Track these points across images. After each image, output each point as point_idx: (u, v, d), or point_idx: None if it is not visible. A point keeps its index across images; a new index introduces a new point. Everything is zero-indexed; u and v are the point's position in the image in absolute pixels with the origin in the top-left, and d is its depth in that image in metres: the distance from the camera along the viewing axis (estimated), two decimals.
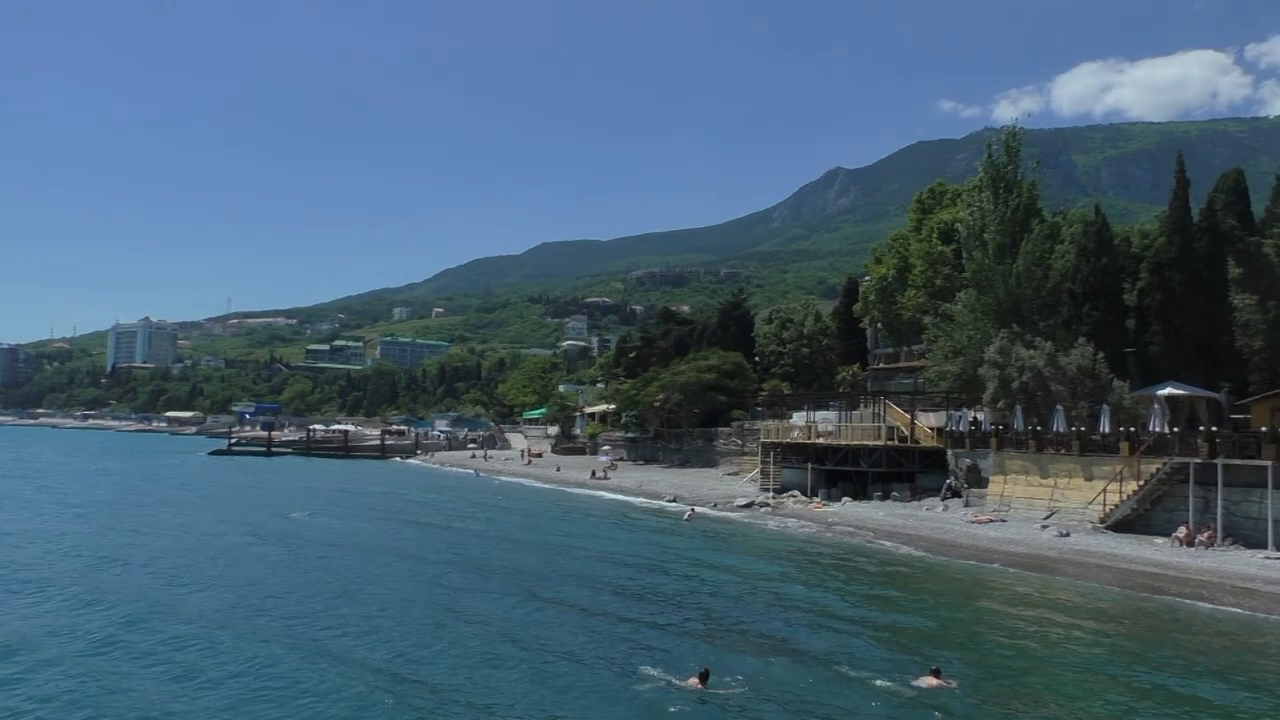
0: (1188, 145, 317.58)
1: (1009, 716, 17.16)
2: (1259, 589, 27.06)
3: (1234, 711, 17.66)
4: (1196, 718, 17.30)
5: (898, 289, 67.29)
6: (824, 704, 17.41)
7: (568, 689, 18.01)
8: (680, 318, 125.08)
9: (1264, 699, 18.29)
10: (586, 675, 18.91)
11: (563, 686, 18.16)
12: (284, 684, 17.99)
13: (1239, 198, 58.01)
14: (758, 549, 38.77)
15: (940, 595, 28.92)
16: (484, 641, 21.46)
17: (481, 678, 18.69)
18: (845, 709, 17.18)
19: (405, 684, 18.20)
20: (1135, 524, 36.05)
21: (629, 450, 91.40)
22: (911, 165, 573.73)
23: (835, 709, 17.17)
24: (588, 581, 29.84)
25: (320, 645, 20.93)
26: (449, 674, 18.93)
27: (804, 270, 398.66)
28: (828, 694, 17.99)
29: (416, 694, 17.60)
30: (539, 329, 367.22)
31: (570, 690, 17.95)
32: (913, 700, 17.59)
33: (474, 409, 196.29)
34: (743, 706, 17.12)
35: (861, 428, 54.44)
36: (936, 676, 18.29)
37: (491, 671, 19.07)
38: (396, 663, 19.67)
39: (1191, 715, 17.40)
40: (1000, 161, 51.12)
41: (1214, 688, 18.98)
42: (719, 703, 17.19)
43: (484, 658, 20.09)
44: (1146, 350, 49.57)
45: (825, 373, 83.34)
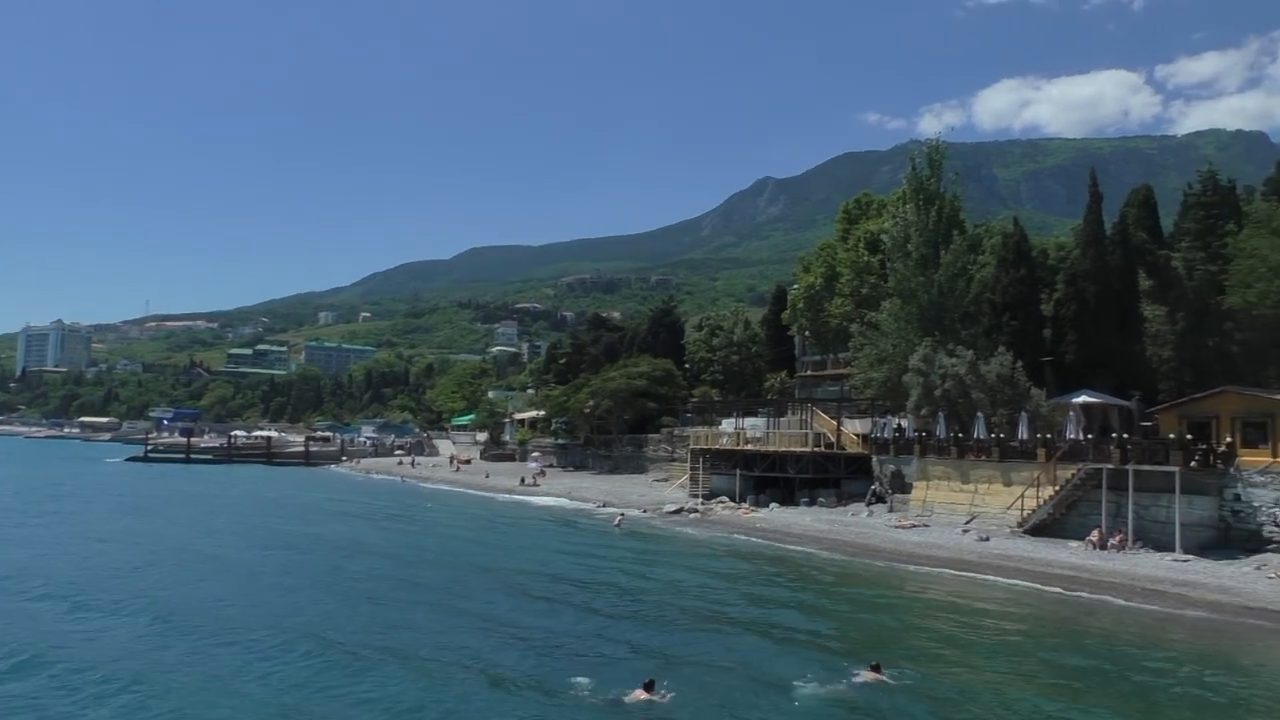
0: (1101, 161, 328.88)
1: (942, 709, 17.74)
2: (1167, 590, 28.06)
3: (1144, 702, 18.39)
4: (1109, 709, 17.94)
5: (825, 297, 68.26)
6: (769, 703, 17.72)
7: (506, 708, 17.71)
8: (611, 324, 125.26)
9: (1171, 692, 19.01)
10: (524, 691, 18.61)
11: (499, 705, 17.83)
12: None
13: (1149, 213, 60.25)
14: (688, 555, 38.95)
15: (867, 597, 29.46)
16: (409, 660, 20.71)
17: (409, 698, 18.11)
18: (790, 706, 17.54)
19: (326, 706, 17.75)
20: (1051, 528, 37.09)
21: (559, 457, 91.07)
22: (839, 176, 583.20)
23: (780, 707, 17.50)
24: (516, 592, 29.60)
25: (226, 666, 19.95)
26: (374, 692, 18.39)
27: (734, 278, 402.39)
28: (771, 693, 18.29)
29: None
30: (468, 334, 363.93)
31: (510, 709, 17.67)
32: (854, 695, 18.12)
33: (402, 415, 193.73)
34: (691, 712, 17.24)
35: (789, 434, 55.10)
36: (876, 672, 18.86)
37: (419, 692, 18.47)
38: (314, 685, 18.95)
39: (1104, 706, 18.05)
40: (924, 174, 52.28)
41: (1123, 681, 19.73)
42: (665, 712, 17.25)
43: (411, 677, 19.42)
44: (1062, 359, 51.08)
45: (754, 380, 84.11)
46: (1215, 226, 58.18)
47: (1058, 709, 18.00)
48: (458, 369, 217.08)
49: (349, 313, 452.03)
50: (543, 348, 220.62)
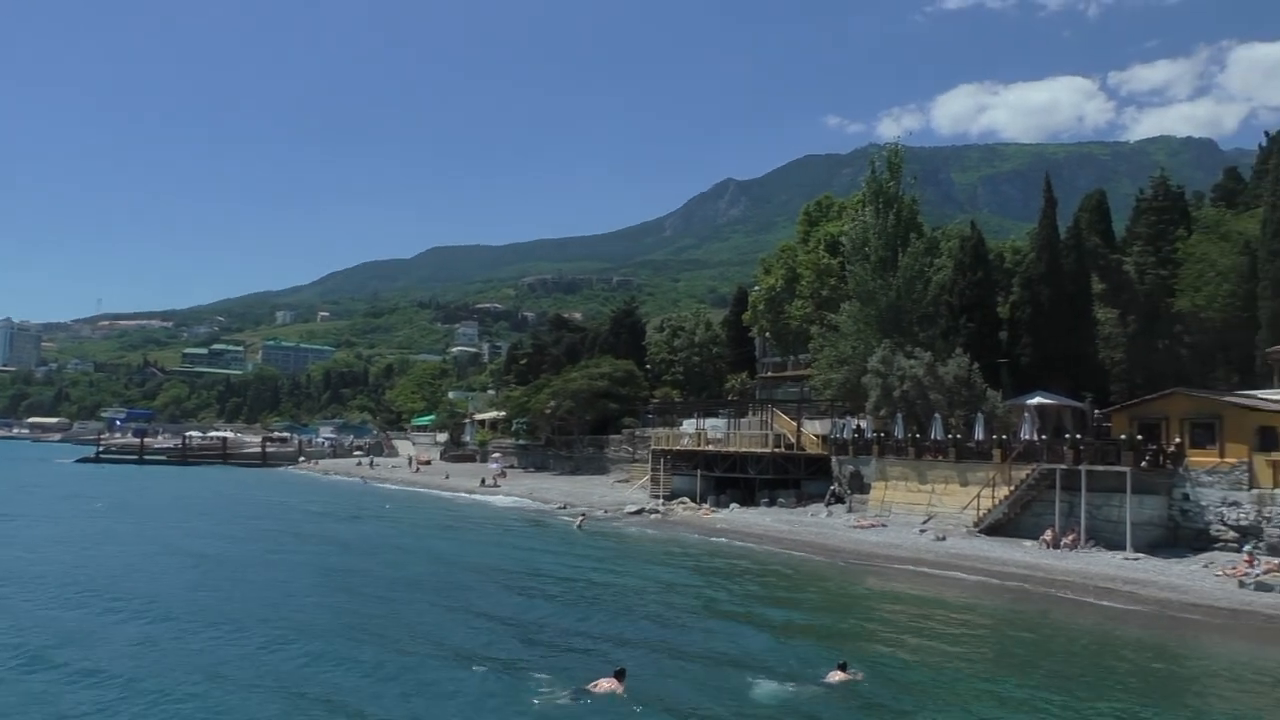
0: (1055, 166, 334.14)
1: (907, 707, 18.02)
2: (1118, 588, 28.62)
3: (1096, 696, 18.74)
4: (1063, 704, 18.27)
5: (786, 299, 68.72)
6: (735, 701, 17.87)
7: (475, 700, 17.69)
8: (572, 325, 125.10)
9: (1121, 687, 19.38)
10: (492, 684, 18.58)
11: (469, 701, 17.76)
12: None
13: (1102, 217, 61.45)
14: (649, 555, 39.02)
15: (827, 597, 29.75)
16: (378, 658, 20.61)
17: (385, 697, 17.99)
18: (758, 705, 17.71)
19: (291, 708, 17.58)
20: (1006, 528, 37.65)
21: (520, 458, 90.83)
22: (800, 178, 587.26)
23: (749, 705, 17.66)
24: (478, 592, 29.49)
25: (194, 670, 19.62)
26: (343, 696, 18.16)
27: (695, 279, 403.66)
28: (737, 691, 18.43)
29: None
30: (429, 334, 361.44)
31: (478, 701, 17.64)
32: (823, 694, 18.33)
33: (361, 416, 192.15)
34: (659, 706, 17.35)
35: (750, 435, 55.41)
36: (843, 671, 19.04)
37: (393, 690, 18.36)
38: (286, 686, 18.75)
39: (1059, 702, 18.37)
40: (883, 177, 52.83)
41: (1076, 676, 20.08)
42: (633, 702, 17.35)
43: (383, 677, 19.28)
44: (1018, 361, 51.87)
45: (715, 381, 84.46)
46: (1166, 231, 59.48)
47: (1015, 704, 18.32)
48: (418, 369, 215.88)
49: (307, 312, 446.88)
50: (504, 348, 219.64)
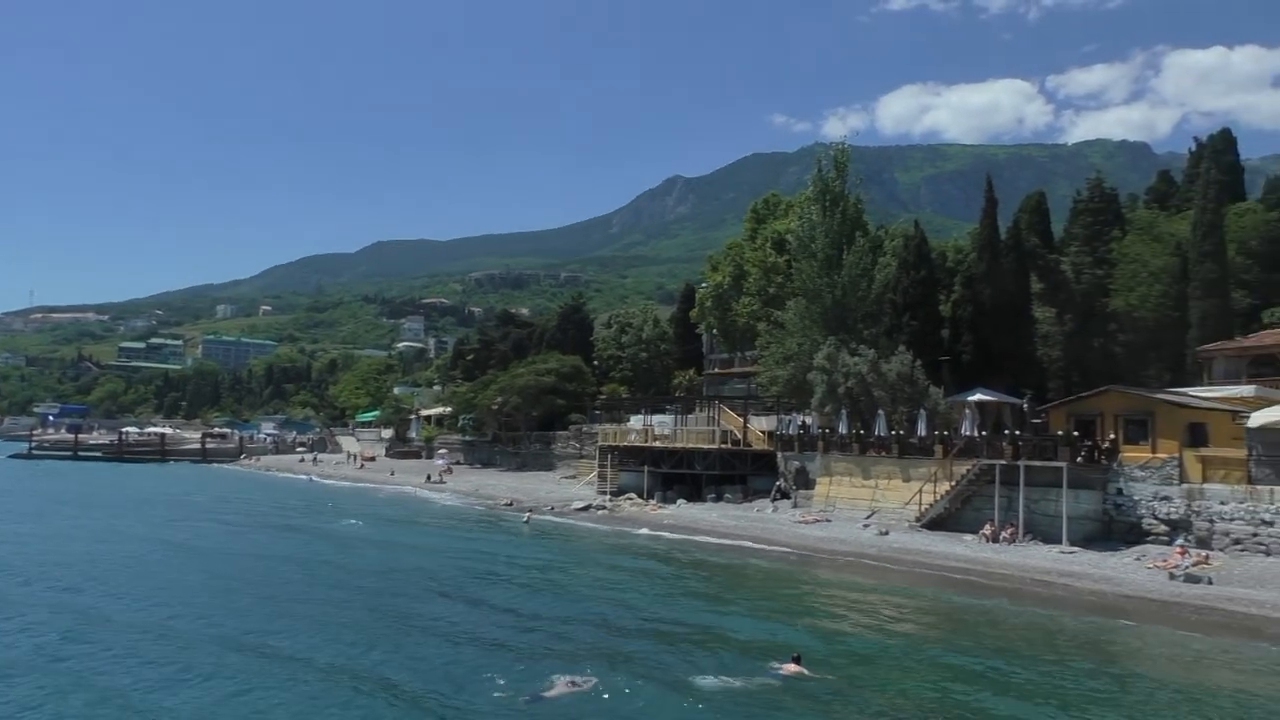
0: (996, 167, 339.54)
1: (862, 696, 18.44)
2: (1054, 580, 29.34)
3: (1033, 685, 19.27)
4: (1004, 693, 18.78)
5: (733, 296, 69.14)
6: (691, 693, 18.10)
7: (427, 705, 17.56)
8: (519, 320, 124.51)
9: (1057, 676, 19.90)
10: (442, 686, 18.43)
11: (419, 703, 17.66)
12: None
13: (1041, 218, 62.87)
14: (597, 551, 39.07)
15: (773, 591, 30.06)
16: (318, 662, 20.29)
17: (324, 699, 17.77)
18: (715, 698, 17.92)
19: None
20: (948, 522, 38.34)
21: (466, 454, 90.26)
22: (747, 176, 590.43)
23: (705, 697, 17.89)
24: (421, 590, 29.21)
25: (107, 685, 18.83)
26: (277, 697, 17.86)
27: (643, 276, 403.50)
28: (693, 684, 18.64)
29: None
30: (373, 330, 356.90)
31: (430, 705, 17.52)
32: (778, 686, 18.62)
33: (303, 411, 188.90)
34: (616, 701, 17.46)
35: (697, 431, 55.72)
36: (797, 663, 19.34)
37: (347, 696, 18.09)
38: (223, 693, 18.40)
39: (999, 691, 18.89)
40: (829, 176, 53.44)
41: (1015, 667, 20.58)
42: (589, 702, 17.45)
43: (321, 681, 18.94)
44: (959, 358, 52.84)
45: (662, 377, 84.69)
46: (1101, 232, 61.01)
47: (959, 694, 18.79)
48: (362, 365, 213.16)
49: (249, 306, 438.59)
50: (450, 344, 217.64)
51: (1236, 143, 63.45)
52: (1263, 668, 20.89)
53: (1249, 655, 21.89)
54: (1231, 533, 31.49)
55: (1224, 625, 24.39)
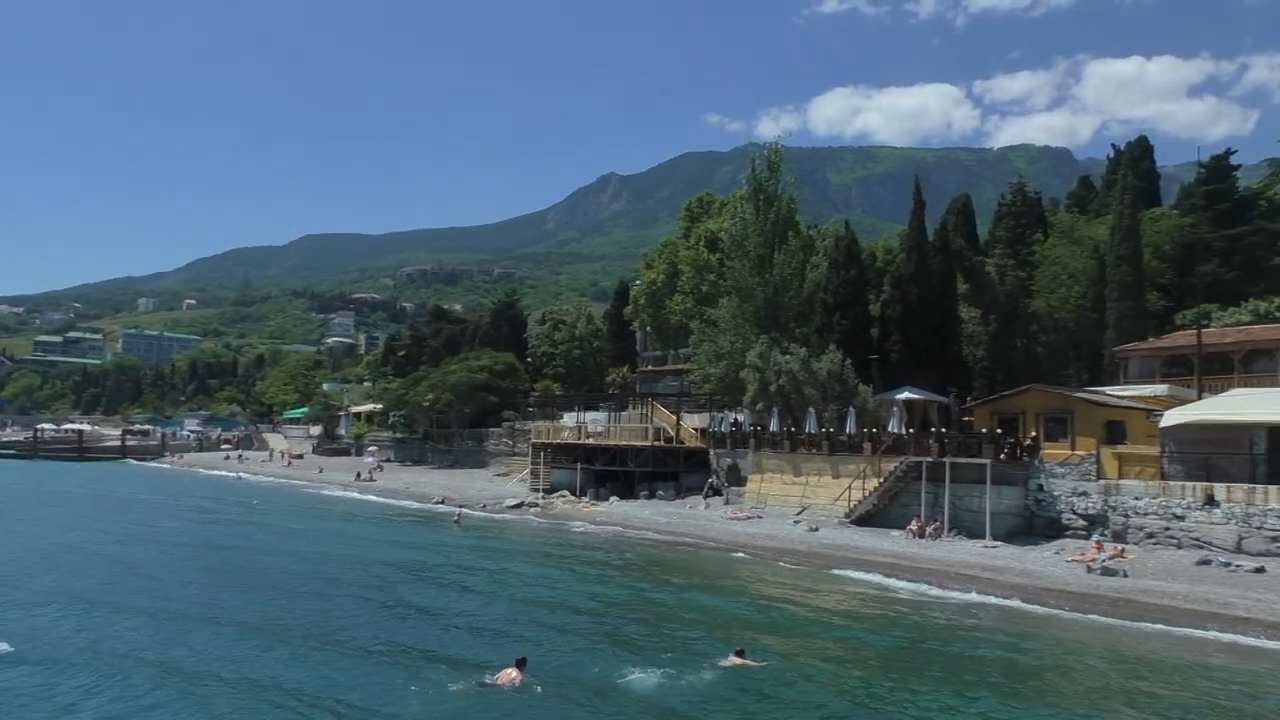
0: (925, 170, 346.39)
1: (803, 686, 18.82)
2: (978, 574, 30.02)
3: (957, 674, 19.75)
4: (930, 682, 19.19)
5: (667, 294, 69.41)
6: (635, 686, 18.21)
7: (376, 696, 17.44)
8: (452, 317, 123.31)
9: (980, 667, 20.41)
10: (384, 684, 18.20)
11: (367, 694, 17.51)
12: None
13: (967, 220, 64.30)
14: (529, 549, 38.92)
15: (706, 586, 30.27)
16: (266, 662, 19.86)
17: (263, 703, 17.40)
18: (657, 689, 18.09)
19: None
20: (876, 518, 39.01)
21: (396, 451, 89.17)
22: (682, 174, 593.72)
23: (648, 689, 18.04)
24: (352, 591, 28.62)
25: None
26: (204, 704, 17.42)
27: (577, 272, 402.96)
28: (635, 677, 18.73)
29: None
30: (302, 324, 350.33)
31: (382, 698, 17.37)
32: (721, 678, 18.86)
33: (229, 408, 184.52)
34: (561, 694, 17.54)
35: (630, 428, 55.83)
36: (740, 656, 19.61)
37: (281, 691, 17.78)
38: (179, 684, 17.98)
39: (926, 681, 19.28)
40: (762, 176, 53.95)
41: (940, 657, 21.11)
42: (535, 692, 17.52)
43: (256, 689, 18.31)
44: (888, 357, 53.78)
45: (596, 374, 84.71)
46: (1024, 235, 62.66)
47: (887, 684, 19.24)
48: (290, 360, 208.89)
49: (172, 299, 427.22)
50: (381, 339, 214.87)
51: (1153, 150, 65.62)
52: (1171, 655, 21.64)
53: (1161, 645, 22.66)
54: (1145, 527, 32.59)
55: (1138, 616, 25.20)
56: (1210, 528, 30.97)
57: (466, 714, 16.78)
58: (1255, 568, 28.31)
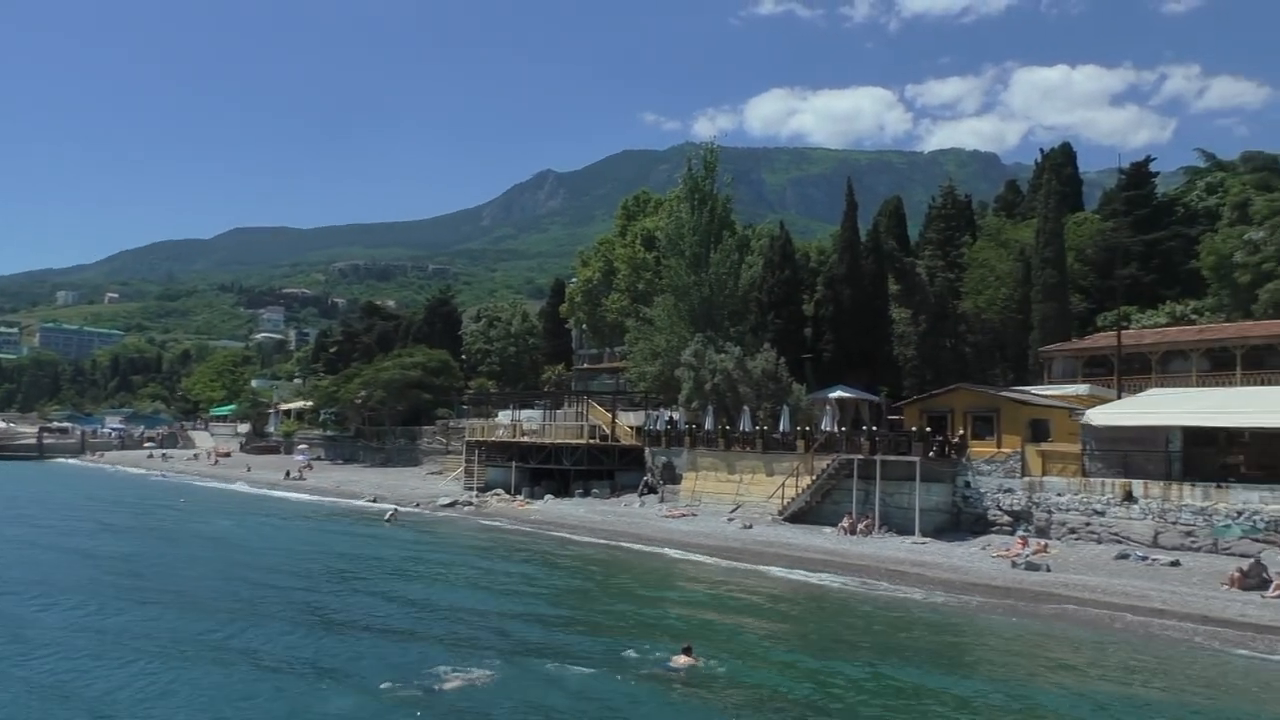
0: (858, 172, 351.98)
1: (749, 684, 18.98)
2: (907, 570, 30.57)
3: (886, 667, 20.18)
4: (862, 673, 19.53)
5: (603, 292, 69.43)
6: (582, 685, 18.22)
7: (323, 696, 17.17)
8: (385, 313, 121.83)
9: (909, 659, 20.82)
10: (321, 688, 17.81)
11: (306, 698, 17.16)
12: None
13: (899, 222, 65.52)
14: (463, 548, 38.56)
15: (642, 585, 30.31)
16: (179, 674, 18.98)
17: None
18: (608, 689, 18.07)
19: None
20: (808, 515, 39.46)
21: (327, 449, 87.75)
22: (618, 172, 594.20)
23: (597, 688, 18.03)
24: (280, 591, 28.01)
25: None
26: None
27: (512, 270, 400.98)
28: (581, 677, 18.74)
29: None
30: (230, 320, 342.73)
31: (328, 700, 17.07)
32: (671, 677, 18.94)
33: (153, 405, 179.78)
34: (512, 695, 17.42)
35: (565, 426, 55.69)
36: (688, 654, 19.69)
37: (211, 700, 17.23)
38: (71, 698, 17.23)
39: (858, 671, 19.65)
40: (699, 175, 54.25)
41: (871, 651, 21.45)
42: (484, 695, 17.42)
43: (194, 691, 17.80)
44: (821, 356, 54.50)
45: (531, 372, 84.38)
46: (953, 238, 64.03)
47: (822, 675, 19.67)
48: (217, 356, 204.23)
49: (92, 293, 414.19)
50: (312, 335, 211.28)
51: (1076, 156, 67.53)
52: (1092, 645, 22.31)
53: (1081, 636, 23.33)
54: (1067, 523, 33.51)
55: (1061, 610, 25.92)
56: (1129, 523, 31.96)
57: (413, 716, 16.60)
58: (1170, 561, 29.28)
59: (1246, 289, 47.39)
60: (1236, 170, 59.89)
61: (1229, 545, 29.33)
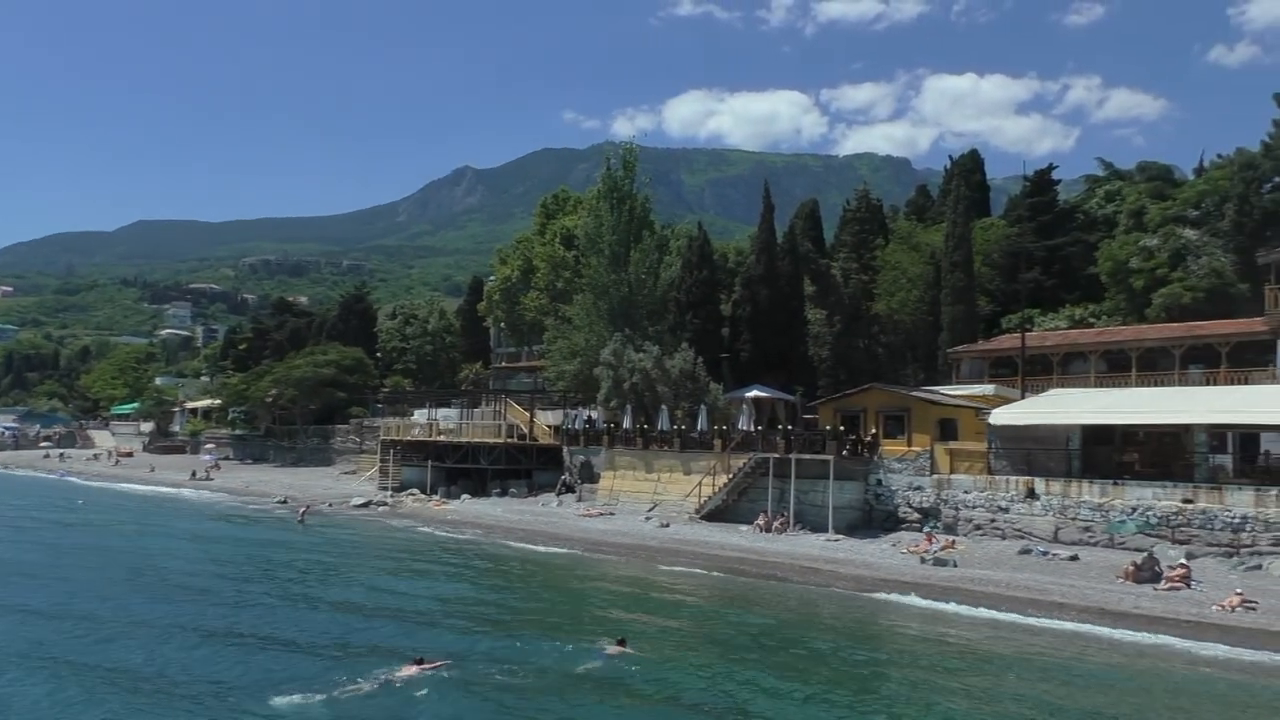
0: (775, 174, 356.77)
1: (679, 671, 19.54)
2: (821, 567, 31.12)
3: (803, 660, 20.68)
4: (779, 669, 19.93)
5: (521, 290, 69.07)
6: (530, 680, 18.41)
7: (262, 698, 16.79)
8: (297, 309, 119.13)
9: (823, 652, 21.28)
10: (215, 697, 17.19)
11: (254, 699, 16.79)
12: None
13: (814, 225, 66.61)
14: (377, 549, 37.97)
15: (553, 583, 30.31)
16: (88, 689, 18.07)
17: None
18: (547, 679, 18.45)
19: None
20: (725, 514, 39.87)
21: (236, 449, 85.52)
22: (538, 170, 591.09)
23: (543, 682, 18.31)
24: (185, 595, 26.97)
25: None
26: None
27: (430, 266, 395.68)
28: (526, 671, 18.89)
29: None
30: (133, 315, 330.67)
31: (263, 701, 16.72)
32: (604, 666, 19.36)
33: (50, 403, 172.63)
34: (457, 688, 17.57)
35: (483, 425, 55.26)
36: (622, 645, 20.16)
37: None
38: None
39: (774, 667, 20.01)
40: (618, 174, 54.39)
41: (788, 644, 21.94)
42: (438, 686, 17.57)
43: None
44: (738, 356, 55.12)
45: (448, 370, 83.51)
46: (867, 240, 65.35)
47: (738, 664, 20.16)
48: (120, 353, 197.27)
49: None
50: (220, 332, 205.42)
51: (984, 163, 69.54)
52: (996, 637, 23.03)
53: (989, 631, 24.08)
54: (974, 519, 34.51)
55: (969, 602, 26.70)
56: (1031, 519, 33.06)
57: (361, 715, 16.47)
58: (1069, 556, 30.40)
59: (1141, 294, 49.42)
60: (1133, 179, 62.40)
61: (1124, 540, 30.54)
